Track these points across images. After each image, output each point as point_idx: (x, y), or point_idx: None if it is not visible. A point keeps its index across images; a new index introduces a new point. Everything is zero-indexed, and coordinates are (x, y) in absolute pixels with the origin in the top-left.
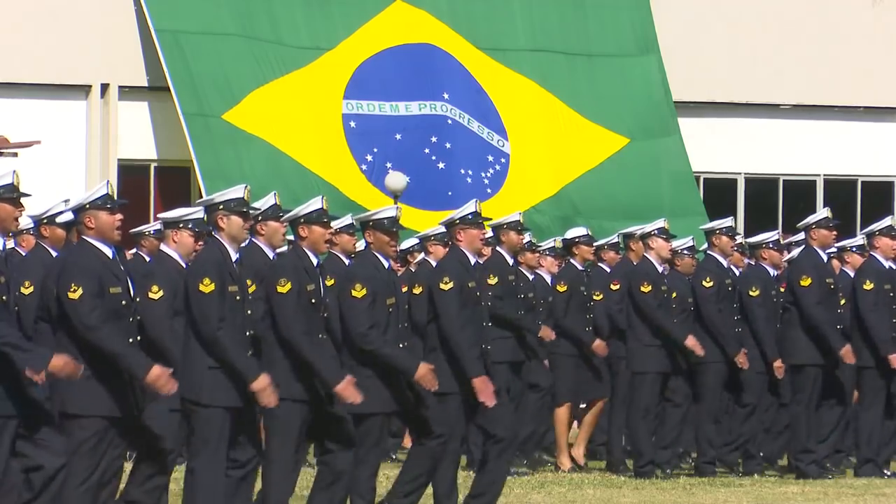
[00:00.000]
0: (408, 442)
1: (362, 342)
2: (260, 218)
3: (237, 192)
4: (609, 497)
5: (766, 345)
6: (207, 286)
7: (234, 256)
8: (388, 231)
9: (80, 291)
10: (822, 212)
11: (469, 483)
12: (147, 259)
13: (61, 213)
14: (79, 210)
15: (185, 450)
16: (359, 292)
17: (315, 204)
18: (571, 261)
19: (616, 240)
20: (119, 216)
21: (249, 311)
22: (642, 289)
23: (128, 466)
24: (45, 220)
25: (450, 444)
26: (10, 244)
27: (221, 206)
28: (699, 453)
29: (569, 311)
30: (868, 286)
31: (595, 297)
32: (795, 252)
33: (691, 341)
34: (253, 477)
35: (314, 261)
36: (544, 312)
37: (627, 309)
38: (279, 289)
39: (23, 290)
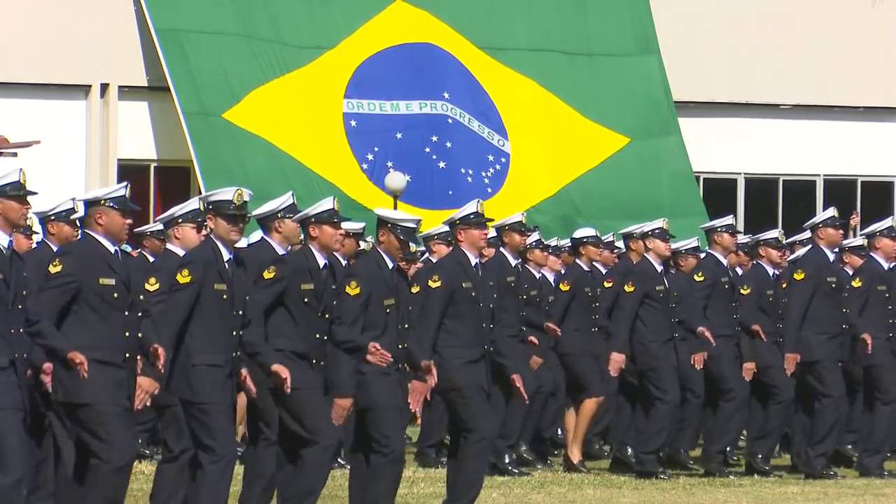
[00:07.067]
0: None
1: (337, 334)
2: (280, 215)
3: (227, 193)
4: (609, 497)
5: (747, 344)
6: (185, 277)
7: (226, 256)
8: (402, 240)
9: (59, 268)
10: (829, 211)
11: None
12: (150, 259)
13: (69, 209)
14: (92, 203)
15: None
16: (353, 290)
17: (326, 204)
18: (577, 261)
19: (612, 239)
20: (129, 220)
21: (240, 312)
22: (626, 288)
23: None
24: (52, 217)
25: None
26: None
27: (210, 206)
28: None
29: (570, 311)
30: (856, 284)
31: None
32: (800, 252)
33: (616, 357)
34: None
35: (321, 262)
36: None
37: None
38: (265, 274)
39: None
